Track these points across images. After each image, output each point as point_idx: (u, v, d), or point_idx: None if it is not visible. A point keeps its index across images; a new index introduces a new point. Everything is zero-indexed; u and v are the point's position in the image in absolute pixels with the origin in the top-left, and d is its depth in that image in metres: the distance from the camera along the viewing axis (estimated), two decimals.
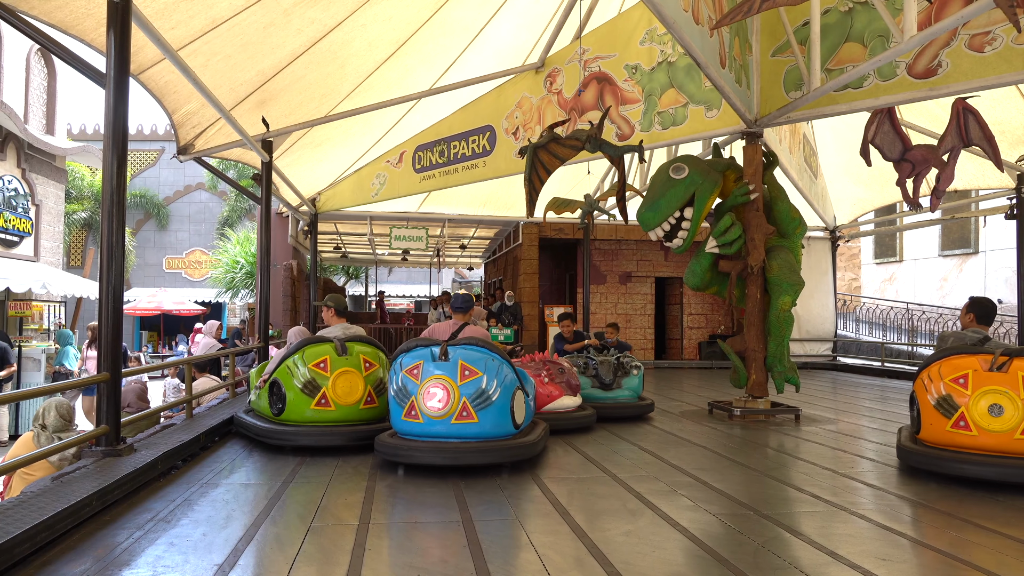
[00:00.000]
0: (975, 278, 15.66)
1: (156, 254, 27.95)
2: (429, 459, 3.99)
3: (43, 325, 14.74)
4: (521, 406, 4.30)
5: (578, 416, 5.76)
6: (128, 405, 6.01)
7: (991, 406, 3.84)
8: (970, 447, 3.91)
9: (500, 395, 4.10)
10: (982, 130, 6.29)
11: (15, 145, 14.41)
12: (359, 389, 4.77)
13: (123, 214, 3.94)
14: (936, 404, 4.04)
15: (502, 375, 4.16)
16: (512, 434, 4.22)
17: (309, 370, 4.70)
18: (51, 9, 4.45)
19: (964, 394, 3.92)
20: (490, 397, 4.07)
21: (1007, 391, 3.79)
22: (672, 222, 6.22)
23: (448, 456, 3.95)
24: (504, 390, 4.13)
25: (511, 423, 4.18)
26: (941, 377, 4.06)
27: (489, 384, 4.08)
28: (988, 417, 3.84)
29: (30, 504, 2.83)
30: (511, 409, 4.17)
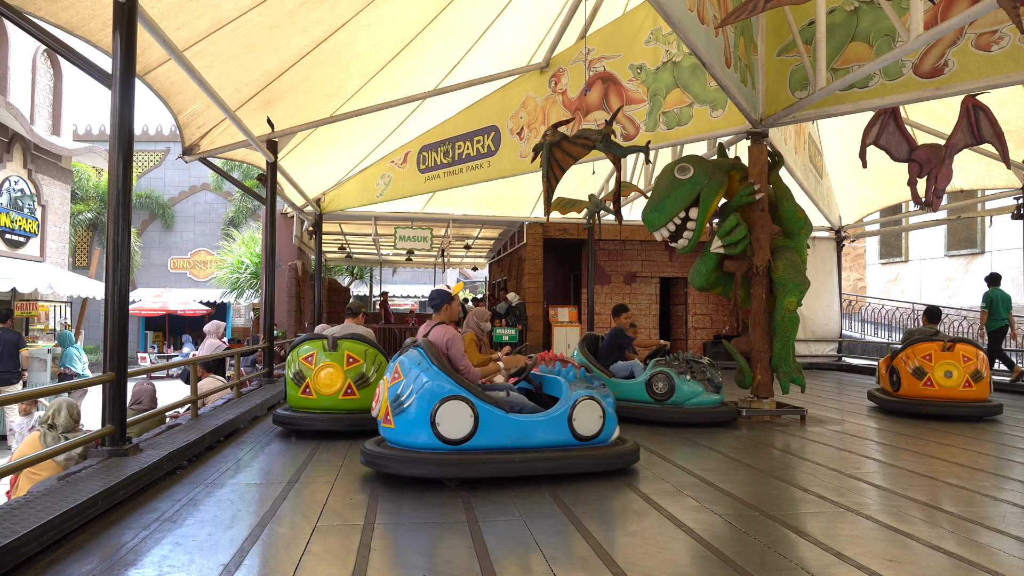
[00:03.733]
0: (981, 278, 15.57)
1: (161, 254, 28.02)
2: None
3: (49, 325, 14.79)
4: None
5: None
6: (139, 402, 6.03)
7: (945, 372, 6.64)
8: (933, 397, 6.69)
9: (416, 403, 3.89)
10: (992, 127, 6.26)
11: (21, 146, 14.46)
12: (338, 382, 5.34)
13: (129, 214, 3.95)
14: (912, 372, 6.82)
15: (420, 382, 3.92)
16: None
17: (299, 363, 5.43)
18: (57, 10, 4.47)
19: (929, 365, 6.72)
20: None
21: (954, 363, 6.63)
22: (677, 222, 6.21)
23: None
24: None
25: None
26: (915, 355, 6.84)
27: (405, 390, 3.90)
28: (944, 379, 6.65)
29: (36, 504, 2.83)
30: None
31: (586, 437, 4.05)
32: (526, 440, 3.94)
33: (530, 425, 3.97)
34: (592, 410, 4.08)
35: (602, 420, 4.10)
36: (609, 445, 4.15)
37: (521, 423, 3.95)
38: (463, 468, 3.78)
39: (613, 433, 4.20)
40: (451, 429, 3.80)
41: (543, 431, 3.99)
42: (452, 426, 3.80)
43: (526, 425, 3.96)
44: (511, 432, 3.92)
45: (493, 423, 3.87)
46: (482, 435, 3.84)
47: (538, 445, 3.97)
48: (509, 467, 3.85)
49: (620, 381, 6.44)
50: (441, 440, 3.80)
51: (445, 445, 3.81)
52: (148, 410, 5.84)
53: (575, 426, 4.02)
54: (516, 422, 3.94)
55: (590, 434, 4.07)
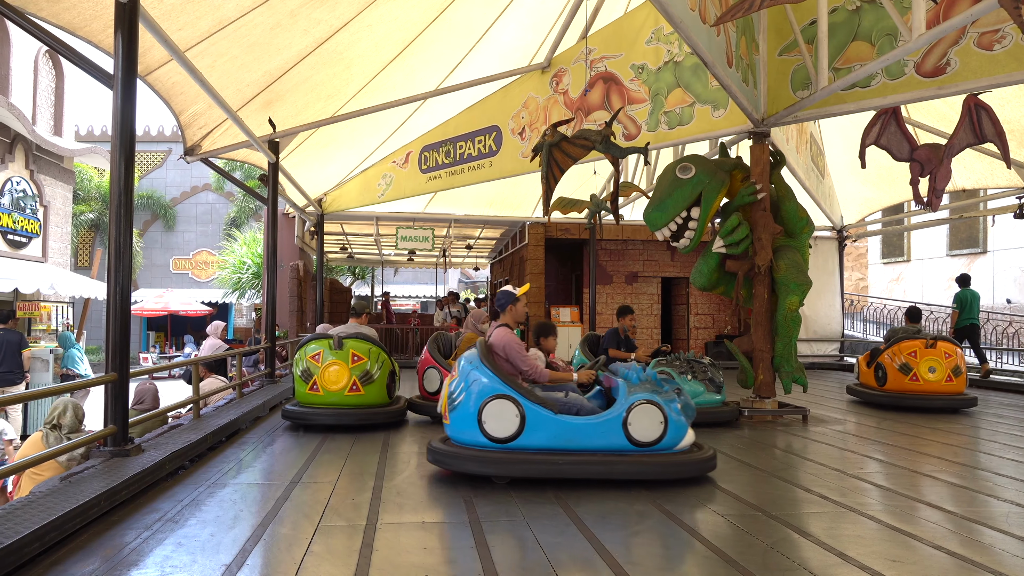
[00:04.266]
0: (983, 277, 15.57)
1: (163, 255, 28.05)
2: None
3: (51, 326, 14.81)
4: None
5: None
6: (141, 401, 6.03)
7: (929, 368, 7.12)
8: (918, 391, 7.17)
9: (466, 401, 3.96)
10: (994, 126, 6.26)
11: (23, 146, 14.48)
12: (344, 378, 5.63)
13: (131, 215, 3.96)
14: (899, 368, 7.26)
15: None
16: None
17: (306, 361, 5.71)
18: (59, 11, 4.47)
19: (915, 361, 7.18)
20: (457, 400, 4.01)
21: (937, 359, 7.12)
22: (679, 222, 6.21)
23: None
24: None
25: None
26: (901, 352, 7.28)
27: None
28: (928, 374, 7.13)
29: (39, 504, 2.84)
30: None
31: (644, 443, 3.83)
32: (576, 442, 3.82)
33: (580, 427, 3.84)
34: (650, 415, 3.85)
35: (663, 426, 3.84)
36: (675, 453, 3.89)
37: (570, 425, 3.83)
38: (508, 467, 3.78)
39: (680, 440, 3.90)
40: (497, 428, 3.82)
41: (594, 434, 3.83)
42: (498, 425, 3.82)
43: (575, 427, 3.83)
44: (559, 433, 3.82)
45: (540, 423, 3.81)
46: (529, 435, 3.81)
47: (590, 448, 3.83)
48: (554, 468, 3.77)
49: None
50: (488, 438, 3.83)
51: (492, 443, 3.83)
52: (151, 409, 5.85)
53: (630, 431, 3.82)
54: (565, 423, 3.83)
55: (648, 440, 3.84)
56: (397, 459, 4.57)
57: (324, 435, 5.42)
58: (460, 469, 3.89)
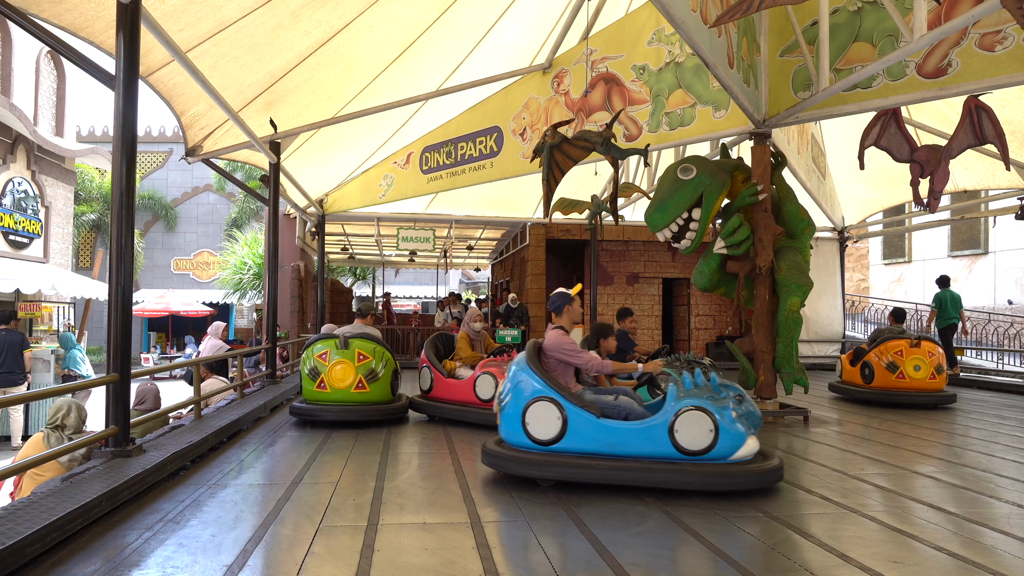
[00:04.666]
0: (985, 278, 15.56)
1: (164, 255, 28.08)
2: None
3: (52, 326, 14.82)
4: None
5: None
6: (143, 402, 6.03)
7: (915, 366, 7.48)
8: (904, 388, 7.52)
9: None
10: (994, 127, 6.25)
11: (25, 147, 14.50)
12: (350, 377, 5.86)
13: (132, 215, 3.96)
14: (886, 366, 7.63)
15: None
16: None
17: (314, 360, 5.94)
18: (61, 12, 4.48)
19: (901, 360, 7.54)
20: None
21: (921, 357, 7.48)
22: (680, 223, 6.20)
23: None
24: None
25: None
26: (887, 352, 7.66)
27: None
28: (913, 372, 7.49)
29: (40, 504, 2.84)
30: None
31: (692, 451, 3.63)
32: (619, 448, 3.72)
33: (623, 432, 3.73)
34: (699, 422, 3.63)
35: (713, 434, 3.60)
36: (730, 463, 3.66)
37: (612, 429, 3.74)
38: (550, 470, 3.74)
39: (735, 450, 3.65)
40: (540, 430, 3.82)
41: (639, 440, 3.70)
42: (541, 427, 3.82)
43: (619, 431, 3.73)
44: (602, 438, 3.74)
45: (582, 427, 3.76)
46: (571, 438, 3.76)
47: (634, 455, 3.71)
48: (595, 473, 3.69)
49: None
50: (531, 440, 3.84)
51: (535, 445, 3.83)
52: (152, 410, 5.85)
53: (677, 438, 3.64)
54: (607, 428, 3.74)
55: (697, 448, 3.62)
56: (398, 460, 4.57)
57: (325, 435, 5.42)
58: (505, 470, 3.91)
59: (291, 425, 5.95)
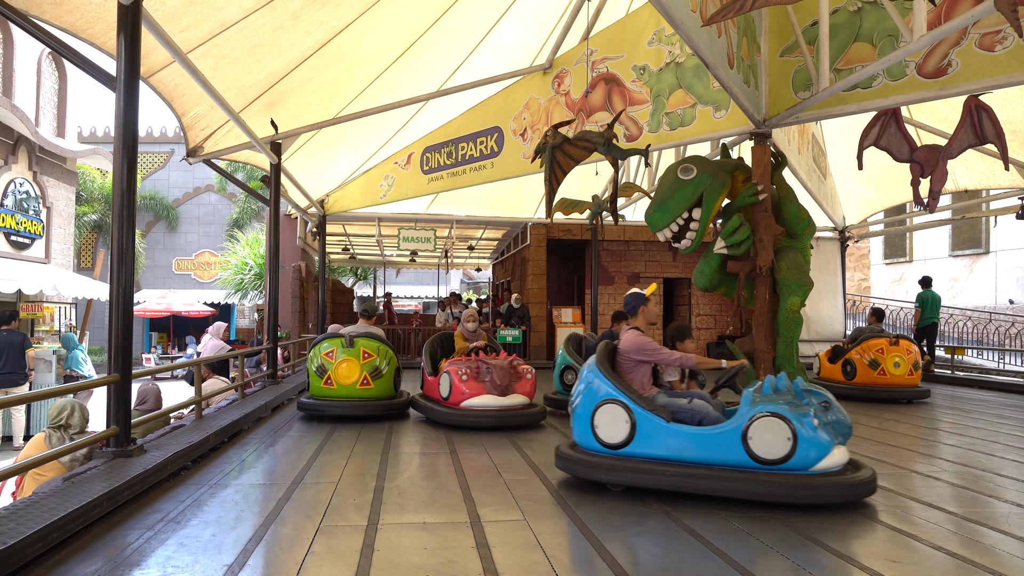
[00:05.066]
0: (986, 278, 15.55)
1: (166, 256, 28.10)
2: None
3: (54, 327, 14.83)
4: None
5: (494, 415, 5.78)
6: (144, 401, 6.05)
7: (895, 363, 7.95)
8: (884, 384, 7.88)
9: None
10: (994, 127, 6.25)
11: (26, 148, 14.52)
12: (356, 374, 6.16)
13: (133, 216, 3.97)
14: (868, 363, 8.07)
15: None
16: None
17: (321, 358, 6.23)
18: (62, 13, 4.49)
19: (883, 357, 8.00)
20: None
21: (900, 355, 7.98)
22: (680, 223, 6.19)
23: None
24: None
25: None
26: (869, 350, 8.11)
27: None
28: (894, 368, 7.93)
29: (42, 504, 2.85)
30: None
31: (768, 460, 3.42)
32: (689, 454, 3.57)
33: (694, 438, 3.57)
34: (775, 429, 3.41)
35: (791, 443, 3.38)
36: (811, 474, 3.42)
37: (682, 434, 3.59)
38: (619, 474, 3.66)
39: (818, 460, 3.40)
40: (608, 433, 3.74)
41: (710, 446, 3.53)
42: (609, 430, 3.73)
43: (689, 437, 3.58)
44: (671, 443, 3.60)
45: (651, 431, 3.64)
46: (640, 442, 3.66)
47: (704, 461, 3.55)
48: (663, 479, 3.56)
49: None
50: (600, 443, 3.76)
51: (604, 449, 3.75)
52: (154, 410, 5.86)
53: (751, 445, 3.44)
54: (677, 432, 3.60)
55: (773, 457, 3.41)
56: (399, 459, 4.58)
57: (326, 435, 5.44)
58: (575, 473, 3.85)
59: (292, 425, 5.96)
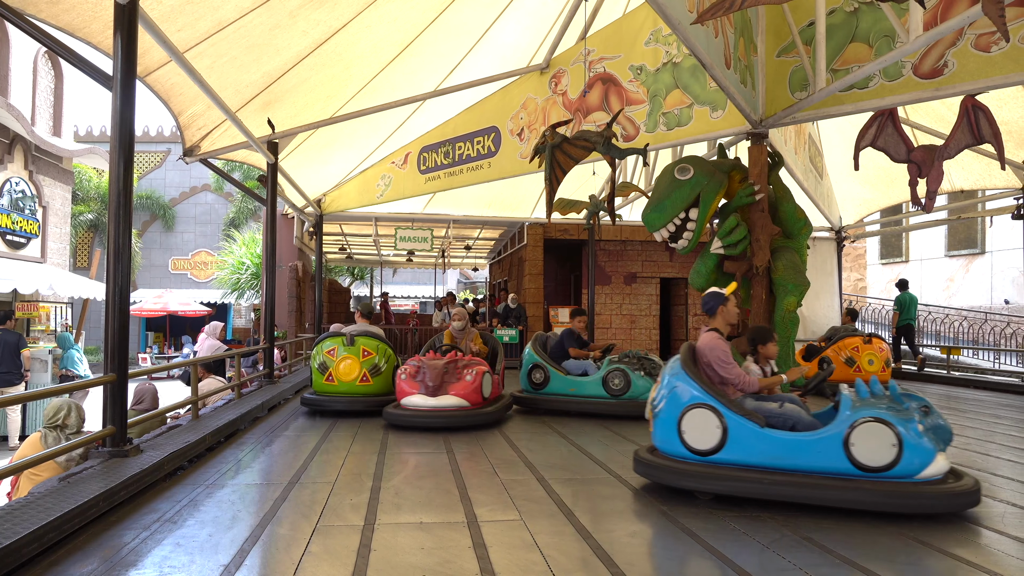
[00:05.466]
0: (982, 278, 15.59)
1: (162, 255, 28.04)
2: None
3: (50, 326, 14.79)
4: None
5: (423, 415, 5.71)
6: (140, 401, 6.04)
7: (869, 360, 8.60)
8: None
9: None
10: (991, 126, 6.26)
11: (22, 147, 14.48)
12: (356, 371, 6.46)
13: (130, 215, 3.96)
14: (845, 361, 8.60)
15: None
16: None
17: (323, 355, 6.56)
18: (58, 12, 4.48)
19: (858, 355, 8.63)
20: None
21: (874, 353, 8.62)
22: (677, 223, 6.21)
23: None
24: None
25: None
26: (846, 348, 8.71)
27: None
28: (868, 365, 8.56)
29: (37, 505, 2.84)
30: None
31: (871, 468, 3.28)
32: (786, 461, 3.43)
33: (791, 444, 3.42)
34: (879, 435, 3.28)
35: (896, 449, 3.25)
36: (917, 482, 3.28)
37: (779, 440, 3.44)
38: (709, 482, 3.52)
39: (923, 467, 3.27)
40: (697, 439, 3.58)
41: (808, 453, 3.39)
42: (698, 436, 3.57)
43: (785, 443, 3.43)
44: (766, 449, 3.45)
45: (744, 437, 3.49)
46: (732, 449, 3.50)
47: (802, 469, 3.41)
48: (761, 488, 3.42)
49: (578, 379, 6.77)
50: (688, 449, 3.60)
51: (692, 455, 3.59)
52: (150, 410, 5.86)
53: (853, 452, 3.30)
54: (772, 438, 3.45)
55: (877, 465, 3.28)
56: (395, 459, 4.58)
57: (323, 435, 5.43)
58: (660, 480, 3.72)
59: (288, 425, 5.96)
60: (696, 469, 3.56)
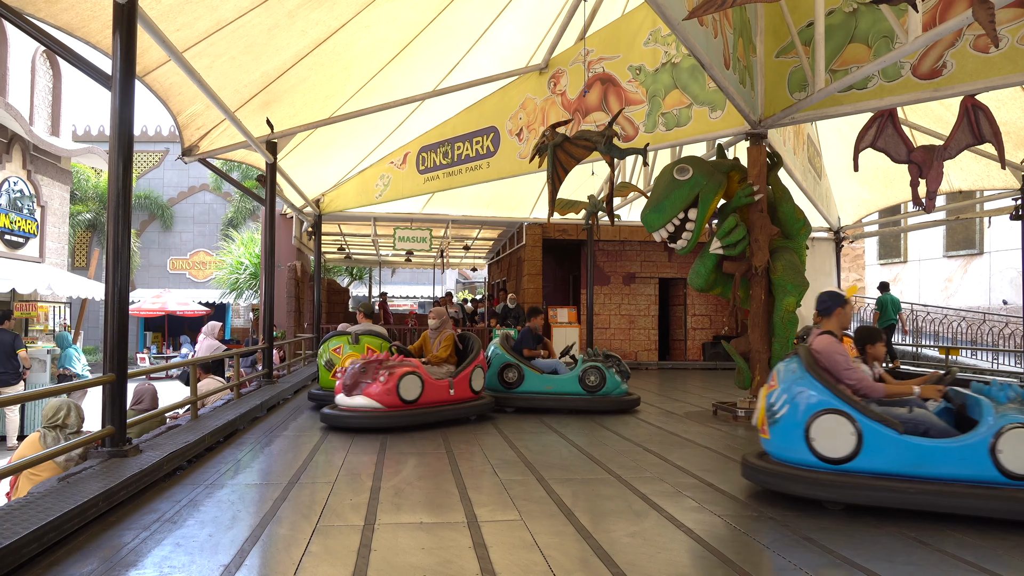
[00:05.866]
0: (980, 279, 15.62)
1: (160, 255, 28.01)
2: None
3: (48, 326, 14.78)
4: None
5: (335, 414, 5.70)
6: (140, 401, 6.03)
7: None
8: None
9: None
10: (991, 125, 6.27)
11: (21, 147, 14.46)
12: None
13: (129, 215, 3.96)
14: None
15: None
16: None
17: (330, 354, 6.87)
18: (57, 11, 4.47)
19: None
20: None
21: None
22: (676, 223, 6.22)
23: None
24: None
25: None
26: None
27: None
28: None
29: (37, 505, 2.84)
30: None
31: (1022, 476, 3.14)
32: (926, 469, 3.27)
33: (933, 451, 3.26)
34: None
35: None
36: None
37: (920, 447, 3.27)
38: (844, 492, 3.35)
39: None
40: (828, 446, 3.38)
41: (951, 461, 3.22)
42: (829, 443, 3.38)
43: (927, 451, 3.26)
44: (906, 457, 3.28)
45: (881, 444, 3.31)
46: (868, 456, 3.33)
47: (943, 477, 3.25)
48: (902, 497, 3.26)
49: (554, 376, 6.99)
50: (817, 457, 3.40)
51: (822, 463, 3.40)
52: (149, 410, 5.85)
53: (1001, 460, 3.13)
54: (912, 446, 3.27)
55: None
56: (395, 460, 4.58)
57: (323, 435, 5.43)
58: (783, 489, 3.54)
59: (288, 425, 5.96)
60: (828, 478, 3.37)
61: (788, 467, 3.52)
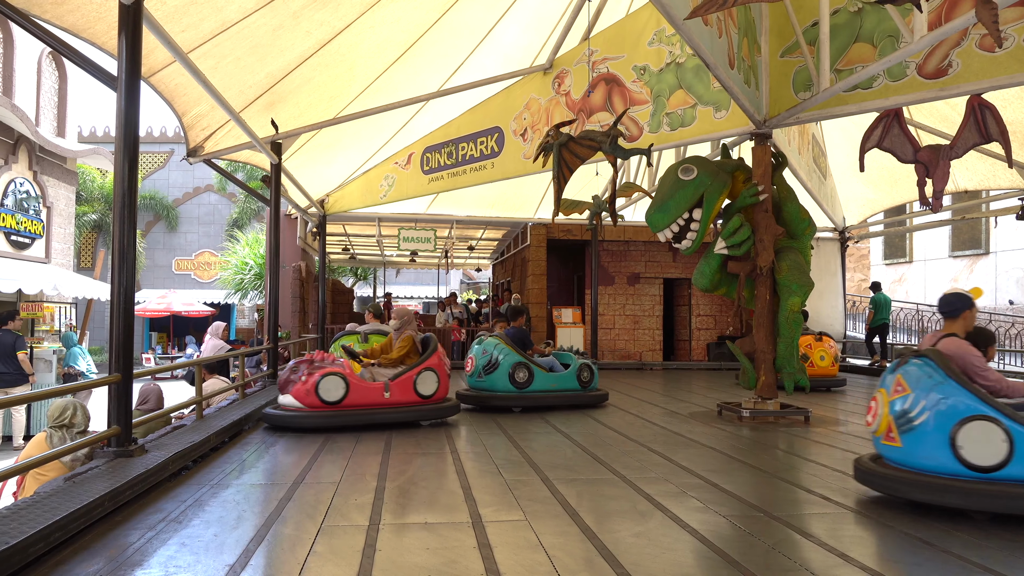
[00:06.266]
0: (986, 279, 15.56)
1: (166, 256, 28.11)
2: None
3: (54, 326, 14.84)
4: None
5: (284, 416, 5.62)
6: (146, 401, 6.05)
7: (820, 356, 9.36)
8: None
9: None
10: (998, 124, 6.25)
11: (27, 148, 14.52)
12: None
13: (134, 216, 3.97)
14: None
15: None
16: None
17: (339, 351, 6.89)
18: (63, 13, 4.49)
19: (811, 351, 9.37)
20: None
21: (824, 349, 9.45)
22: (681, 223, 6.21)
23: None
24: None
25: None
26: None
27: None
28: (820, 361, 9.31)
29: (43, 504, 2.85)
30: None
31: None
32: None
33: None
34: None
35: None
36: None
37: None
38: (994, 501, 3.18)
39: None
40: (978, 454, 3.21)
41: None
42: (979, 451, 3.20)
43: None
44: None
45: None
46: (1019, 464, 3.17)
47: None
48: None
49: (558, 374, 7.20)
50: (965, 465, 3.24)
51: (969, 471, 3.24)
52: (155, 409, 5.87)
53: None
54: None
55: None
56: (399, 460, 4.58)
57: (327, 435, 5.43)
58: (921, 499, 3.39)
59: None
60: (973, 487, 3.21)
61: (928, 476, 3.35)
